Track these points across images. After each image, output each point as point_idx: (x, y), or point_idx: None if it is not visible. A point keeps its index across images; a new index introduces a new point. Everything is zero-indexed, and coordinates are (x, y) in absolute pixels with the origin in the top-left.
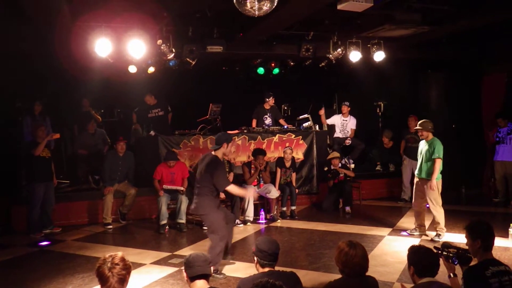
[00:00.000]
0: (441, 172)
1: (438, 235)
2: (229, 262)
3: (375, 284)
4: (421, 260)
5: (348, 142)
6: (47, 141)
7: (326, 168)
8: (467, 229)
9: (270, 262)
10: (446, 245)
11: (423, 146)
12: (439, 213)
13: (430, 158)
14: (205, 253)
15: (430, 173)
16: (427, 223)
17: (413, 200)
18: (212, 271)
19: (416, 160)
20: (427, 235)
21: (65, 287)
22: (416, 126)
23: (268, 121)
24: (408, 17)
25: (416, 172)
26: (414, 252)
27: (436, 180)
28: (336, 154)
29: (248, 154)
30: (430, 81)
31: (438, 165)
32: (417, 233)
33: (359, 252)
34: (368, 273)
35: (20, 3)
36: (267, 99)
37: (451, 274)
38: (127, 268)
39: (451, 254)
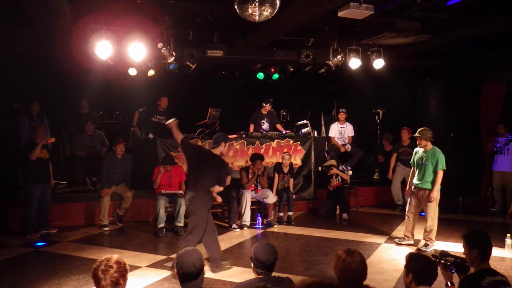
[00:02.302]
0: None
1: (426, 245)
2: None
3: None
4: (422, 268)
5: (348, 147)
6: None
7: (320, 169)
8: (464, 238)
9: (266, 271)
10: (444, 254)
11: (421, 154)
12: (434, 224)
13: (434, 169)
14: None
15: (433, 183)
16: (415, 232)
17: (407, 209)
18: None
19: (409, 167)
20: (415, 245)
21: None
22: (409, 138)
23: (265, 126)
24: (408, 26)
25: (415, 181)
26: (416, 260)
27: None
28: (333, 161)
29: (246, 159)
30: (429, 89)
31: (441, 176)
32: (405, 242)
33: (356, 258)
34: (364, 281)
35: (21, 5)
36: (264, 104)
37: (449, 283)
38: (121, 271)
39: (448, 263)
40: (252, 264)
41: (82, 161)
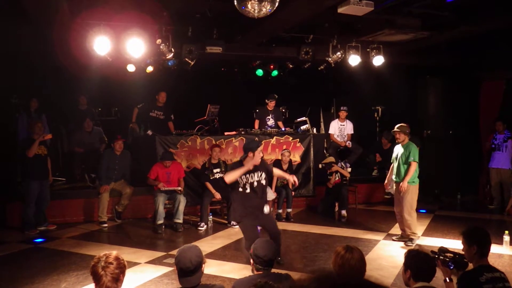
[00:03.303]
0: (419, 177)
1: (410, 239)
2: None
3: None
4: (419, 264)
5: (348, 144)
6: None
7: (320, 166)
8: (464, 235)
9: (266, 267)
10: (443, 250)
11: (398, 150)
12: (412, 217)
13: (406, 162)
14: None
15: (404, 176)
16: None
17: (394, 206)
18: None
19: None
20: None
21: (59, 284)
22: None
23: (270, 122)
24: (408, 22)
25: (393, 176)
26: (413, 256)
27: (414, 184)
28: (332, 158)
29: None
30: (428, 87)
31: (413, 168)
32: (403, 239)
33: (355, 255)
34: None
35: (19, 1)
36: (267, 101)
37: (447, 279)
38: (121, 267)
39: (447, 259)
40: (251, 260)
41: (80, 157)
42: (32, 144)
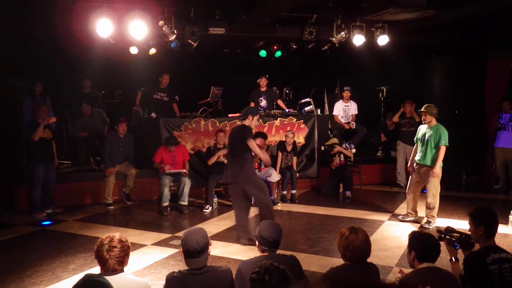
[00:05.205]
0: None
1: (428, 222)
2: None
3: (376, 271)
4: (423, 245)
5: (352, 125)
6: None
7: (323, 148)
8: (470, 215)
9: (271, 249)
10: (450, 230)
11: (424, 131)
12: (436, 201)
13: (436, 145)
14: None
15: (434, 160)
16: (419, 209)
17: (408, 186)
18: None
19: (410, 144)
20: (418, 222)
21: (67, 266)
22: (411, 111)
23: (263, 103)
24: (413, 1)
25: (417, 158)
26: (417, 237)
27: (440, 167)
28: (335, 140)
29: None
30: (433, 66)
31: (443, 152)
32: (409, 218)
33: (360, 236)
34: (368, 258)
35: None
36: (258, 80)
37: (453, 258)
38: (125, 249)
39: (453, 239)
40: (257, 242)
41: (85, 141)
42: (37, 128)
